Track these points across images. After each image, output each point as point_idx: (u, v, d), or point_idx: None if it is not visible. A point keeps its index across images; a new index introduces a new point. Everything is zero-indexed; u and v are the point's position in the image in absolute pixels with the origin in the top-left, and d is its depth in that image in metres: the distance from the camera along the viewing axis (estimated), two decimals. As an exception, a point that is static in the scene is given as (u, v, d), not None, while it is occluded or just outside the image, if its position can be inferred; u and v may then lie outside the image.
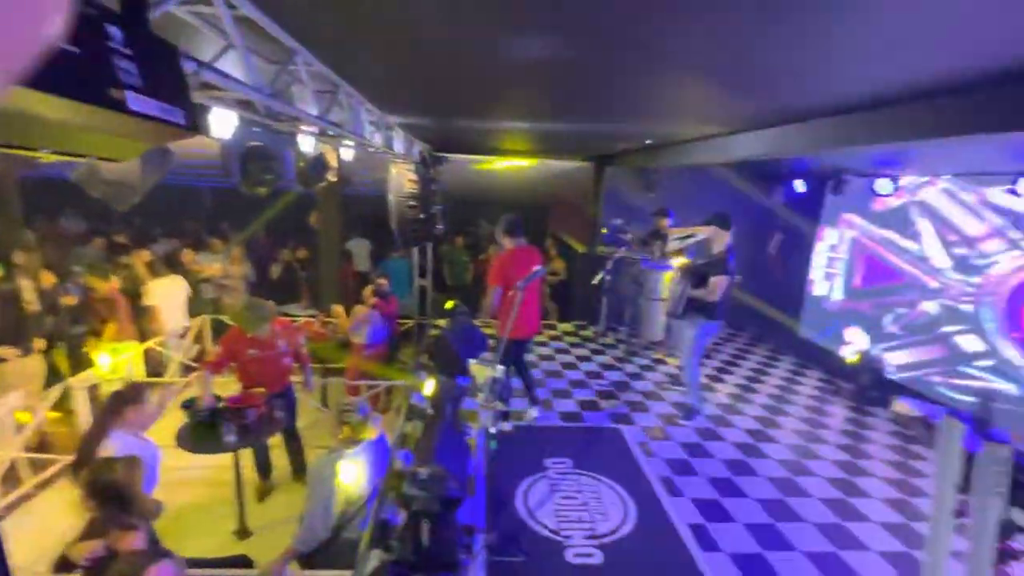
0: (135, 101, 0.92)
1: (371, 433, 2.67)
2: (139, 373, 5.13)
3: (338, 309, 5.02)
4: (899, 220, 5.15)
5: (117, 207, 1.88)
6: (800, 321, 6.45)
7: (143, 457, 2.54)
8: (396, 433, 3.82)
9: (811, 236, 6.26)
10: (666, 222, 6.17)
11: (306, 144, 3.11)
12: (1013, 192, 3.93)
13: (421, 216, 5.37)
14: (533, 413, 4.41)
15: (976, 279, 4.42)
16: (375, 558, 2.49)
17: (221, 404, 3.36)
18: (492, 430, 2.63)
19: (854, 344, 5.57)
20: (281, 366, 3.80)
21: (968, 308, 4.48)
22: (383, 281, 5.13)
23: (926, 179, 4.85)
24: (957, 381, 4.57)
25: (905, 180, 5.04)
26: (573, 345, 6.50)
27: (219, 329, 5.96)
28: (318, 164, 3.54)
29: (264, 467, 3.94)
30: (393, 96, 2.97)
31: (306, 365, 4.04)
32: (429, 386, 3.59)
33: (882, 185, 5.15)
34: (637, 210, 7.06)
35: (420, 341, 6.35)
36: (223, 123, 2.24)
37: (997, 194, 4.24)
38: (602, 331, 6.82)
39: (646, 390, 5.18)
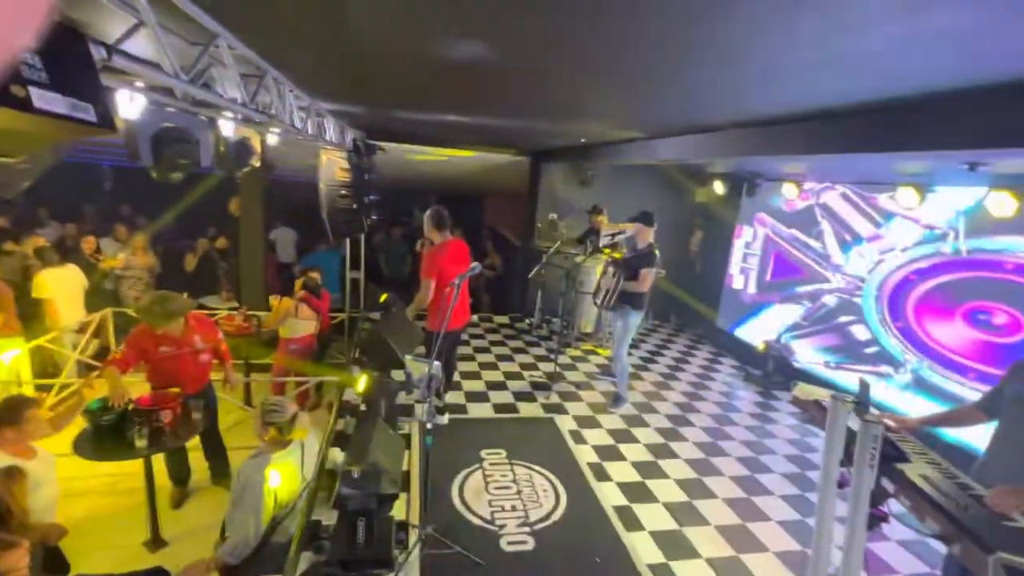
0: (41, 99, 0.82)
1: (300, 433, 2.58)
2: (26, 375, 4.60)
3: (274, 301, 4.75)
4: (804, 220, 5.69)
5: (3, 194, 1.67)
6: (718, 312, 6.96)
7: (31, 470, 2.30)
8: (328, 430, 3.73)
9: (729, 233, 6.75)
10: (600, 218, 6.41)
11: (227, 128, 2.92)
12: (896, 198, 4.46)
13: (354, 206, 5.20)
14: (443, 420, 4.21)
15: (865, 275, 4.99)
16: (305, 560, 2.44)
17: (130, 406, 3.09)
18: (428, 425, 2.64)
19: (764, 334, 6.10)
20: (198, 364, 3.56)
21: (859, 301, 5.05)
22: (315, 275, 4.93)
23: (827, 184, 5.39)
24: (849, 366, 5.15)
25: (809, 184, 5.56)
26: (508, 337, 6.61)
27: (124, 324, 5.47)
28: (241, 149, 3.33)
29: (180, 472, 3.70)
30: (323, 84, 2.85)
31: (226, 362, 3.82)
32: (362, 382, 3.52)
33: (789, 189, 5.65)
34: (572, 205, 7.26)
35: (353, 335, 6.18)
36: (130, 103, 2.06)
37: (884, 200, 4.80)
38: (537, 323, 6.98)
39: (578, 380, 5.38)
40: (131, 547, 3.16)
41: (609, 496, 3.45)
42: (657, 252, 4.57)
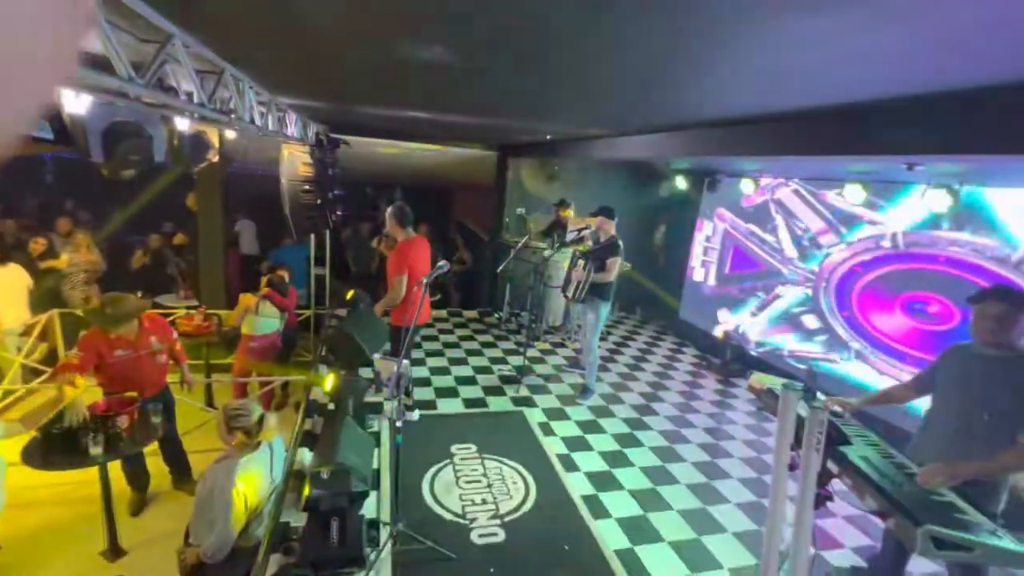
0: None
1: (268, 434, 2.55)
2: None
3: (244, 298, 4.57)
4: (760, 215, 5.93)
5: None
6: (681, 303, 7.18)
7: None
8: (295, 430, 3.68)
9: (691, 227, 6.96)
10: (567, 212, 6.49)
11: (182, 122, 2.82)
12: (843, 195, 4.71)
13: (317, 202, 5.09)
14: (413, 417, 4.25)
15: (815, 267, 5.26)
16: (275, 563, 2.42)
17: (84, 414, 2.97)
18: (398, 423, 2.65)
19: (723, 324, 6.35)
20: (154, 366, 3.45)
21: (809, 292, 5.32)
22: (283, 272, 4.82)
23: (781, 180, 5.63)
24: (801, 354, 5.43)
25: (765, 181, 5.80)
26: (478, 332, 6.64)
27: (70, 327, 5.21)
28: (197, 143, 3.22)
29: (138, 478, 3.58)
30: (282, 81, 2.79)
31: (182, 363, 3.72)
32: (329, 381, 3.49)
33: (746, 185, 5.87)
34: (539, 199, 7.33)
35: (319, 333, 6.07)
36: (76, 98, 1.96)
37: (832, 196, 5.06)
38: (506, 317, 7.03)
39: (546, 373, 5.47)
40: (88, 557, 3.05)
41: (577, 486, 3.55)
42: (620, 243, 4.69)
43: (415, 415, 4.22)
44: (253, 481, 2.32)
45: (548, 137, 5.37)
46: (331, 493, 2.42)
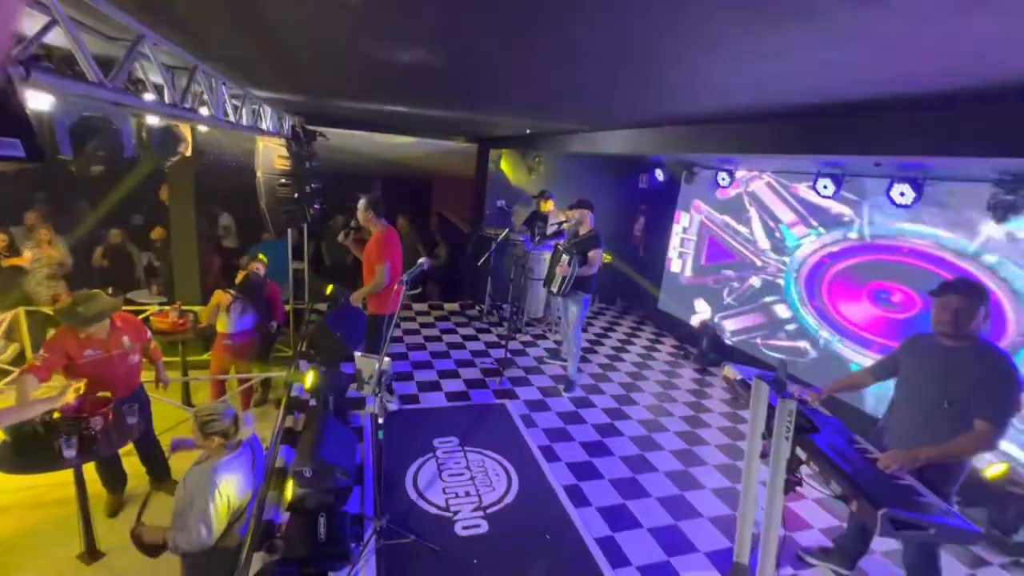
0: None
1: (244, 433, 2.54)
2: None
3: (217, 295, 4.47)
4: (735, 207, 6.05)
5: None
6: (659, 294, 7.31)
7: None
8: (276, 427, 3.67)
9: (669, 219, 7.07)
10: (547, 204, 6.52)
11: (152, 116, 2.75)
12: (813, 188, 4.85)
13: (295, 195, 5.02)
14: (392, 406, 4.12)
15: (786, 258, 5.41)
16: (258, 561, 2.43)
17: (56, 415, 2.90)
18: (380, 420, 2.66)
19: (700, 314, 6.49)
20: (127, 366, 3.37)
21: (781, 282, 5.48)
22: (258, 265, 4.74)
23: (755, 173, 5.75)
24: (773, 342, 5.60)
25: (740, 174, 5.92)
26: (459, 325, 6.65)
27: (39, 324, 5.05)
28: (167, 137, 3.14)
29: (115, 480, 3.53)
30: (255, 77, 2.74)
31: (157, 361, 3.65)
32: (310, 378, 3.48)
33: (722, 177, 5.99)
34: (519, 192, 7.34)
35: (299, 328, 6.01)
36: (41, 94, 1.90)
37: (803, 189, 5.20)
38: (487, 310, 7.06)
39: (528, 365, 5.53)
40: (65, 560, 3.01)
41: (559, 476, 3.62)
42: (600, 235, 4.73)
43: (394, 404, 4.22)
44: (234, 483, 2.31)
45: (527, 131, 5.38)
46: (314, 490, 2.43)
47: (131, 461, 3.59)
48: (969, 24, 1.15)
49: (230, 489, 2.27)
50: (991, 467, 3.26)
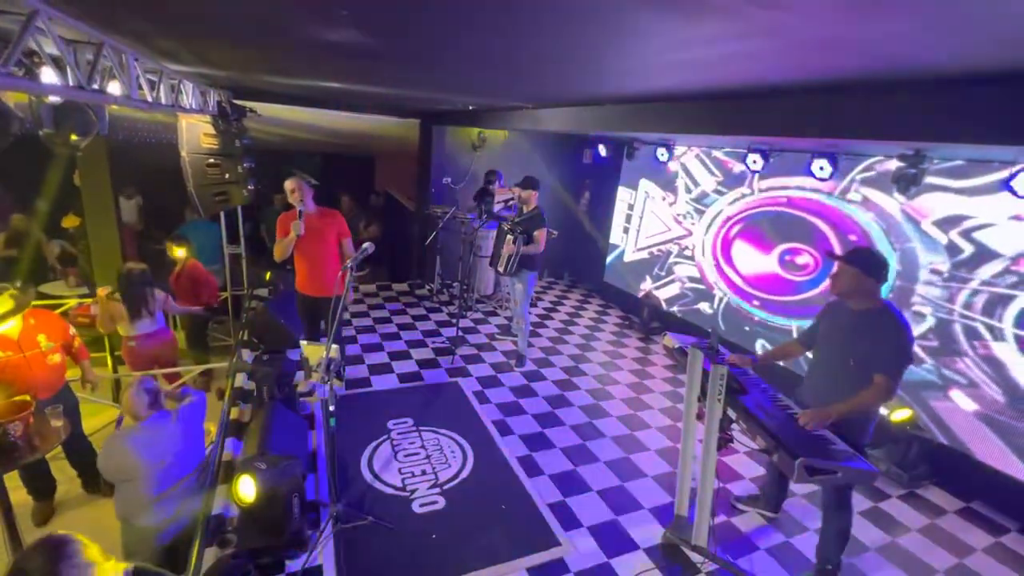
0: None
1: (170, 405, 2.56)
2: None
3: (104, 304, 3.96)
4: (670, 180, 6.30)
5: None
6: (605, 268, 7.53)
7: None
8: (221, 419, 3.55)
9: (613, 194, 7.24)
10: (495, 183, 6.49)
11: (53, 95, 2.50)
12: (743, 162, 5.11)
13: (226, 176, 4.73)
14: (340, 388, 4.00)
15: (695, 223, 5.91)
16: (211, 556, 2.40)
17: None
18: (331, 407, 2.64)
19: (643, 286, 6.77)
20: (45, 368, 3.14)
21: (695, 247, 5.96)
22: (180, 250, 4.45)
23: (689, 149, 6.00)
24: (690, 306, 6.04)
25: (678, 150, 6.13)
26: (409, 305, 6.60)
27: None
28: (78, 116, 2.86)
29: (41, 487, 3.32)
30: (172, 53, 2.53)
31: (83, 359, 3.42)
32: (254, 365, 3.38)
33: (661, 153, 6.17)
34: (465, 169, 7.25)
35: (239, 316, 5.76)
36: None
37: (721, 155, 5.59)
38: (437, 289, 7.03)
39: (480, 343, 5.60)
40: (-8, 576, 2.82)
41: (512, 448, 3.75)
42: (543, 214, 4.80)
43: (340, 390, 4.12)
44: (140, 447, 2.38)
45: (470, 107, 5.30)
46: (267, 481, 2.40)
47: (58, 465, 3.38)
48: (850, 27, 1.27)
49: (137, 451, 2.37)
50: (895, 411, 3.67)
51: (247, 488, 2.31)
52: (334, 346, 2.55)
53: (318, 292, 3.93)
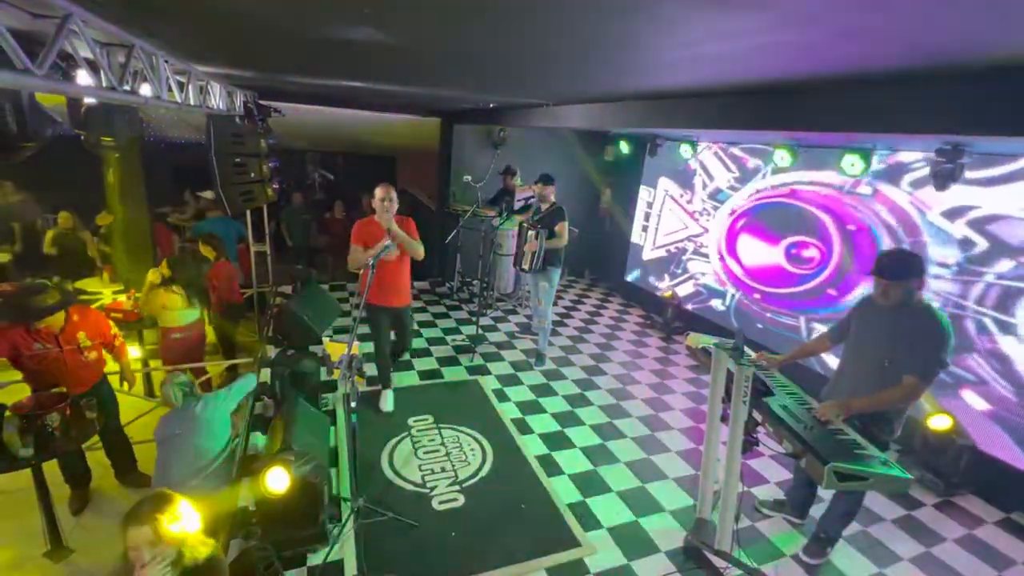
0: None
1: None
2: None
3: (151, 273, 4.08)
4: (689, 178, 6.20)
5: None
6: (626, 266, 7.44)
7: None
8: (245, 415, 3.62)
9: (635, 191, 7.14)
10: (514, 180, 6.48)
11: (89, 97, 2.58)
12: (767, 157, 4.99)
13: (251, 176, 4.82)
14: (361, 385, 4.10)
15: (710, 220, 5.81)
16: (235, 548, 2.45)
17: (6, 412, 2.78)
18: (352, 403, 2.66)
19: (663, 284, 6.66)
20: (81, 364, 3.23)
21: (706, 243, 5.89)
22: (208, 248, 4.55)
23: (707, 144, 5.89)
24: (705, 303, 5.95)
25: (703, 145, 6.01)
26: (430, 303, 6.64)
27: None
28: (112, 114, 2.95)
29: (78, 475, 3.43)
30: (201, 54, 2.58)
31: (122, 358, 3.52)
32: (279, 361, 3.44)
33: (685, 149, 6.06)
34: (485, 167, 7.25)
35: (264, 313, 5.88)
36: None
37: (738, 151, 5.46)
38: (457, 287, 7.05)
39: (500, 341, 5.59)
40: (31, 559, 2.94)
41: (531, 447, 3.73)
42: (563, 208, 4.74)
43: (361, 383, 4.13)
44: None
45: (491, 105, 5.29)
46: (301, 473, 2.44)
47: (94, 455, 3.50)
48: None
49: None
50: (933, 418, 3.52)
51: (279, 479, 2.34)
52: (355, 343, 2.57)
53: (401, 303, 3.85)
